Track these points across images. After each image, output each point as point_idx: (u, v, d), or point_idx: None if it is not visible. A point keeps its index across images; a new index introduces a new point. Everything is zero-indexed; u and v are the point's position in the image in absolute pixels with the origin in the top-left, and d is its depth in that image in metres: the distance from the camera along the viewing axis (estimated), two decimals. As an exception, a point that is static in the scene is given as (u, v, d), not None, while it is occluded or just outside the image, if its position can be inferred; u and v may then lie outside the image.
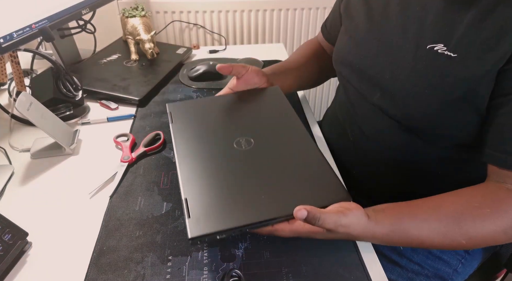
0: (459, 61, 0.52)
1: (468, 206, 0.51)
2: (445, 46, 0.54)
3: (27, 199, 0.63)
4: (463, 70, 0.52)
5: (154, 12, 1.59)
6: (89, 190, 0.64)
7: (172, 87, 0.95)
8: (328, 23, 0.86)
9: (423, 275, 0.69)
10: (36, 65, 0.98)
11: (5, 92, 0.91)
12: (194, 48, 1.16)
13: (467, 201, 0.51)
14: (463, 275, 0.72)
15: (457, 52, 0.53)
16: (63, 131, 0.73)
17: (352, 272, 0.50)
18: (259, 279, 0.49)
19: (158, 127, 0.79)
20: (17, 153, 0.73)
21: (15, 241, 0.52)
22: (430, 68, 0.55)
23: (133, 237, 0.55)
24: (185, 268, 0.51)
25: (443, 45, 0.54)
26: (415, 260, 0.70)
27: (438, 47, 0.54)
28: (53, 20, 0.84)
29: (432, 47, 0.55)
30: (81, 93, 0.83)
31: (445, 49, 0.53)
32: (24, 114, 0.63)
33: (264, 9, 1.63)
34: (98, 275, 0.50)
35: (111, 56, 1.03)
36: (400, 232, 0.50)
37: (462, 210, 0.50)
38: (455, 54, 0.53)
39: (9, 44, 0.72)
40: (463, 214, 0.50)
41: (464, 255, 0.72)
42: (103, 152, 0.73)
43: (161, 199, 0.62)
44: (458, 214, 0.50)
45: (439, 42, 0.54)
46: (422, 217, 0.51)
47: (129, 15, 1.02)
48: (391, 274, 0.69)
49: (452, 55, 0.53)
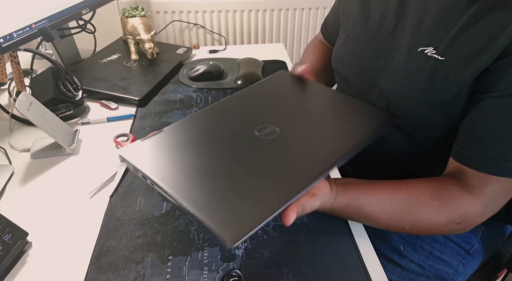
0: (447, 64, 0.53)
1: (421, 196, 0.54)
2: (435, 49, 0.54)
3: (27, 199, 0.63)
4: (450, 73, 0.52)
5: (154, 12, 1.59)
6: (89, 190, 0.64)
7: (172, 87, 0.95)
8: (329, 24, 0.86)
9: (424, 275, 0.69)
10: (36, 65, 0.98)
11: (5, 92, 0.91)
12: (194, 48, 1.16)
13: (421, 191, 0.55)
14: (464, 275, 0.72)
15: (445, 56, 0.53)
16: (63, 131, 0.73)
17: (352, 272, 0.50)
18: (259, 279, 0.49)
19: (158, 127, 0.79)
20: (17, 153, 0.73)
21: (15, 241, 0.52)
22: (420, 71, 0.55)
23: (133, 237, 0.55)
24: (185, 268, 0.51)
25: (433, 48, 0.54)
26: (416, 260, 0.70)
27: (428, 50, 0.55)
28: (53, 20, 0.84)
29: (423, 50, 0.55)
30: (81, 93, 0.83)
31: (434, 52, 0.54)
32: (24, 114, 0.63)
33: (264, 9, 1.63)
34: (98, 275, 0.50)
35: (111, 56, 1.03)
36: (355, 207, 0.54)
37: (414, 198, 0.54)
38: (442, 58, 0.53)
39: (9, 44, 0.72)
40: (414, 202, 0.54)
41: (465, 255, 0.72)
42: (103, 152, 0.73)
43: (161, 199, 0.62)
44: (409, 201, 0.54)
45: (430, 45, 0.55)
46: (377, 196, 0.55)
47: (129, 15, 1.02)
48: (392, 275, 0.70)
49: (439, 58, 0.53)
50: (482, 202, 0.52)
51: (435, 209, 0.53)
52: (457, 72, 0.52)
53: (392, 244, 0.71)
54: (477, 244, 0.73)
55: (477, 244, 0.73)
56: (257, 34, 1.69)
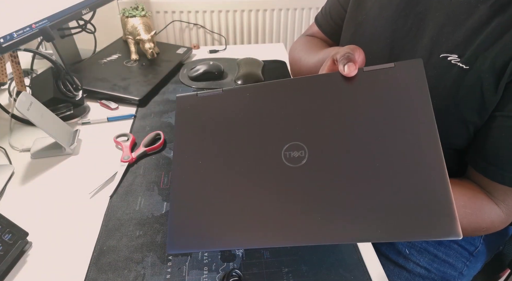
0: (471, 73, 0.51)
1: (457, 202, 0.53)
2: (459, 57, 0.52)
3: (27, 199, 0.63)
4: (475, 82, 0.51)
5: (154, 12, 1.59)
6: (89, 190, 0.64)
7: (172, 87, 0.95)
8: (329, 17, 0.81)
9: (430, 279, 0.69)
10: (36, 65, 0.98)
11: (5, 92, 0.91)
12: (194, 48, 1.16)
13: (456, 198, 0.54)
14: (468, 277, 0.72)
15: (469, 65, 0.51)
16: (63, 131, 0.73)
17: (352, 272, 0.50)
18: (259, 279, 0.49)
19: (158, 127, 0.79)
20: (17, 153, 0.73)
21: (15, 241, 0.52)
22: (442, 78, 0.54)
23: (133, 237, 0.55)
24: (185, 268, 0.51)
25: (457, 56, 0.52)
26: (421, 264, 0.69)
27: (452, 57, 0.53)
28: (53, 20, 0.84)
29: (445, 56, 0.54)
30: (81, 93, 0.83)
31: (458, 60, 0.52)
32: (24, 114, 0.63)
33: (264, 9, 1.63)
34: (98, 275, 0.50)
35: (111, 56, 1.03)
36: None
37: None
38: (467, 66, 0.52)
39: (9, 44, 0.72)
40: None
41: (469, 257, 0.72)
42: (103, 152, 0.73)
43: (161, 199, 0.62)
44: None
45: (453, 52, 0.53)
46: None
47: (129, 15, 1.02)
48: (398, 279, 0.69)
49: (464, 67, 0.52)
50: (506, 213, 0.55)
51: (466, 217, 0.54)
52: (483, 81, 0.51)
53: (397, 247, 0.71)
54: (481, 246, 0.73)
55: (480, 246, 0.73)
56: (257, 34, 1.69)
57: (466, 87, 0.52)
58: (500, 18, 0.50)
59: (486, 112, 0.52)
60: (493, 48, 0.50)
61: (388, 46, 0.62)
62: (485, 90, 0.51)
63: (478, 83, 0.51)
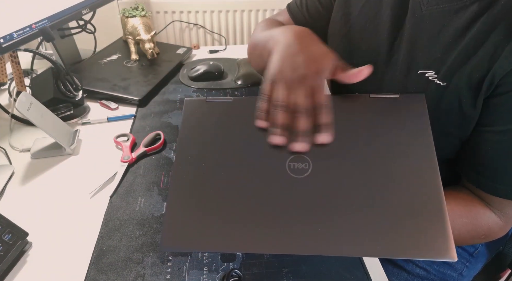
0: (449, 90, 0.51)
1: (453, 212, 0.54)
2: (436, 74, 0.52)
3: (27, 199, 0.63)
4: (453, 98, 0.51)
5: (154, 12, 1.59)
6: (89, 190, 0.64)
7: (172, 87, 0.94)
8: (305, 9, 0.76)
9: (429, 279, 0.69)
10: (36, 65, 0.98)
11: (5, 92, 0.91)
12: (194, 48, 1.16)
13: (451, 209, 0.54)
14: (468, 277, 0.72)
15: (446, 81, 0.51)
16: (63, 131, 0.73)
17: (352, 272, 0.50)
18: (259, 279, 0.49)
19: (158, 127, 0.79)
20: (17, 153, 0.73)
21: (15, 241, 0.52)
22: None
23: (133, 237, 0.55)
24: (185, 268, 0.51)
25: (434, 72, 0.52)
26: (421, 265, 0.69)
27: (429, 74, 0.52)
28: (53, 20, 0.84)
29: (423, 72, 0.53)
30: (81, 93, 0.83)
31: (436, 77, 0.52)
32: (24, 114, 0.63)
33: (264, 9, 1.63)
34: (98, 275, 0.50)
35: (111, 56, 1.03)
36: None
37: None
38: (444, 83, 0.51)
39: (9, 44, 0.72)
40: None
41: (469, 258, 0.72)
42: (103, 152, 0.73)
43: (161, 199, 0.62)
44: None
45: (430, 69, 0.52)
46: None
47: (129, 15, 1.02)
48: (397, 279, 0.69)
49: (441, 84, 0.51)
50: (504, 220, 0.55)
51: (464, 226, 0.54)
52: (461, 97, 0.50)
53: None
54: (481, 247, 0.73)
55: (481, 247, 0.73)
56: (257, 34, 1.69)
57: (445, 103, 0.52)
58: (474, 33, 0.48)
59: (468, 126, 0.52)
60: (468, 64, 0.49)
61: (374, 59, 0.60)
62: (464, 105, 0.50)
63: (456, 99, 0.50)
